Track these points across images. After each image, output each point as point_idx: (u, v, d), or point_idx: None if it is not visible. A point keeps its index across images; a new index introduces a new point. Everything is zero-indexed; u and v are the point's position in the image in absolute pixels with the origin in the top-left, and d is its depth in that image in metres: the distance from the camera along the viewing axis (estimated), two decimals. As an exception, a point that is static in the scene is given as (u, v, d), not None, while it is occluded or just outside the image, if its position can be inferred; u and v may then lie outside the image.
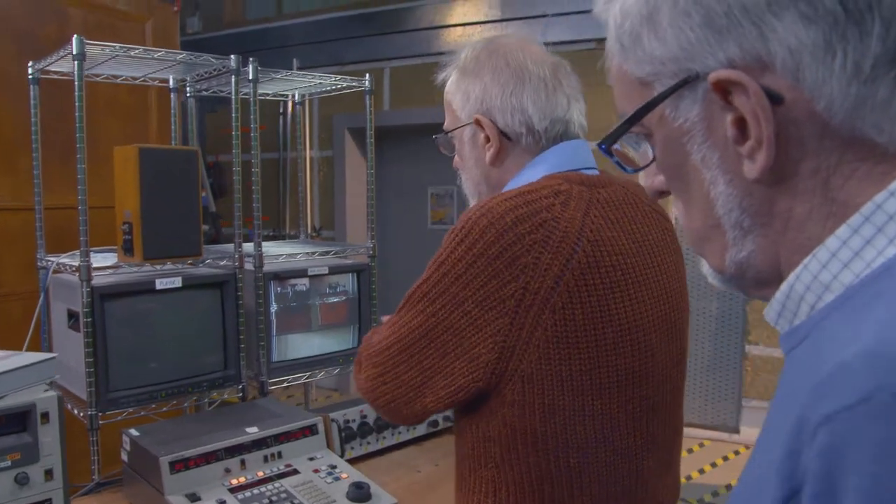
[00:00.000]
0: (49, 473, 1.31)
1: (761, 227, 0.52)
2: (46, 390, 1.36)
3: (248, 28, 5.48)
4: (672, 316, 1.13)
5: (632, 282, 1.06)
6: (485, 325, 1.01)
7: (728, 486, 3.70)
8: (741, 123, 0.49)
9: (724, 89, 0.49)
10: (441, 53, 5.04)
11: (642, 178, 0.61)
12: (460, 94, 1.20)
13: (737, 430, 4.18)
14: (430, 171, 5.49)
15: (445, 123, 1.28)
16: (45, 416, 1.32)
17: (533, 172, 1.14)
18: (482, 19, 4.69)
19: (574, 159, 1.16)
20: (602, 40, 0.58)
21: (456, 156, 1.30)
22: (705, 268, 0.58)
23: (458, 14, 4.78)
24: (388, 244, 5.19)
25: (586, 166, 1.16)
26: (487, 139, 1.18)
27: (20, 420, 1.32)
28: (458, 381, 1.05)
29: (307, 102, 2.67)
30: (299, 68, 4.53)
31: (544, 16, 4.48)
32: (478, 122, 1.18)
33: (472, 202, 1.27)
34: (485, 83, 1.16)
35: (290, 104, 5.11)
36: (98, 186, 2.14)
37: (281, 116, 5.16)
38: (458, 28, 4.79)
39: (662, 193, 0.60)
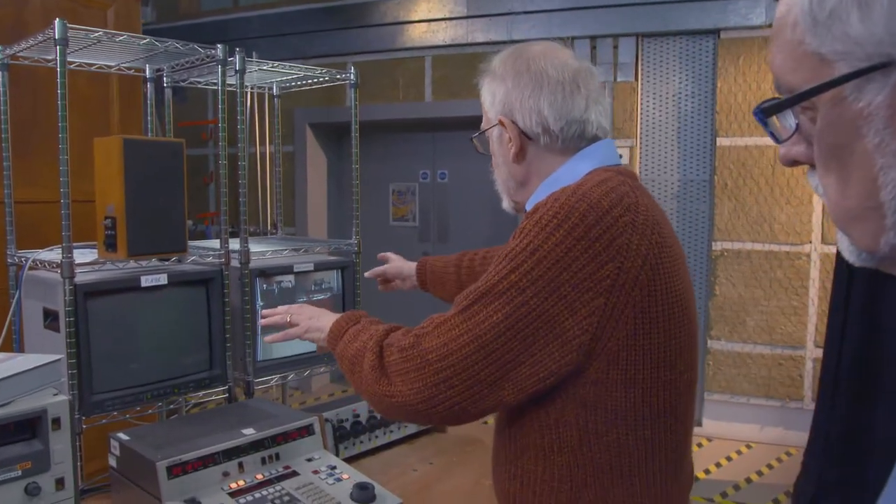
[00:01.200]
0: (60, 483, 1.23)
1: None
2: (56, 394, 1.28)
3: (205, 19, 5.33)
4: (692, 291, 1.25)
5: (679, 259, 1.17)
6: (581, 307, 1.04)
7: (694, 479, 3.78)
8: None
9: None
10: (405, 49, 5.03)
11: (781, 146, 0.61)
12: (489, 96, 1.29)
13: (699, 423, 4.28)
14: (392, 167, 5.45)
15: (481, 124, 1.37)
16: (57, 421, 1.23)
17: (581, 166, 1.22)
18: (447, 15, 4.67)
19: (612, 156, 1.26)
20: (569, 39, 0.57)
21: (494, 156, 1.38)
22: (844, 244, 0.59)
23: (423, 10, 4.75)
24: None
25: (618, 163, 1.27)
26: (510, 138, 1.26)
27: (30, 427, 1.24)
28: (549, 367, 1.06)
29: (267, 96, 2.60)
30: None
31: (510, 13, 4.49)
32: (501, 123, 1.26)
33: (504, 198, 1.36)
34: (507, 87, 1.24)
35: (248, 97, 4.99)
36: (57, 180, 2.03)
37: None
38: (423, 24, 4.76)
39: (795, 163, 0.61)
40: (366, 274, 2.02)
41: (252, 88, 2.72)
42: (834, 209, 0.58)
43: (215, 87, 2.03)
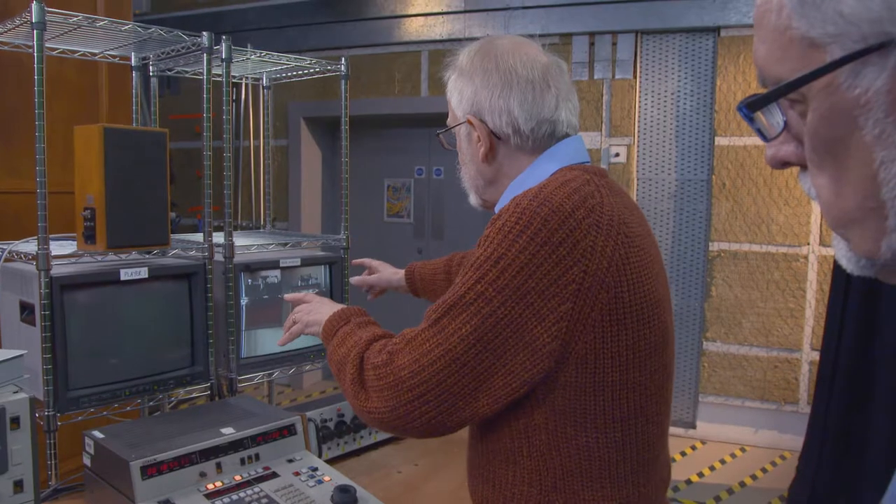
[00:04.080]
0: (19, 485, 1.18)
1: None
2: (15, 392, 1.23)
3: (200, 10, 5.27)
4: (667, 290, 1.23)
5: (649, 261, 1.14)
6: (548, 314, 1.03)
7: (687, 482, 3.74)
8: None
9: None
10: (402, 43, 4.98)
11: (768, 146, 0.55)
12: (456, 94, 1.26)
13: (693, 426, 4.24)
14: (387, 163, 5.40)
15: (448, 120, 1.33)
16: (16, 420, 1.18)
17: (548, 166, 1.20)
18: (444, 10, 4.62)
19: (580, 153, 1.24)
20: (567, 35, 0.51)
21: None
22: (842, 250, 0.53)
23: (420, 4, 4.69)
24: (343, 237, 5.08)
25: (586, 160, 1.25)
26: (479, 138, 1.23)
27: (-14, 426, 1.18)
28: (521, 377, 1.05)
29: (261, 89, 2.55)
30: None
31: (507, 9, 4.44)
32: (469, 122, 1.23)
33: (472, 195, 1.33)
34: (476, 85, 1.21)
35: (243, 89, 4.94)
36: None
37: (234, 103, 4.98)
38: (420, 18, 4.71)
39: (785, 165, 0.55)
40: (352, 281, 2.00)
41: (244, 79, 2.67)
42: (829, 211, 0.53)
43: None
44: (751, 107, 0.53)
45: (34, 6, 1.59)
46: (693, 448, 4.13)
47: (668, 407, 1.22)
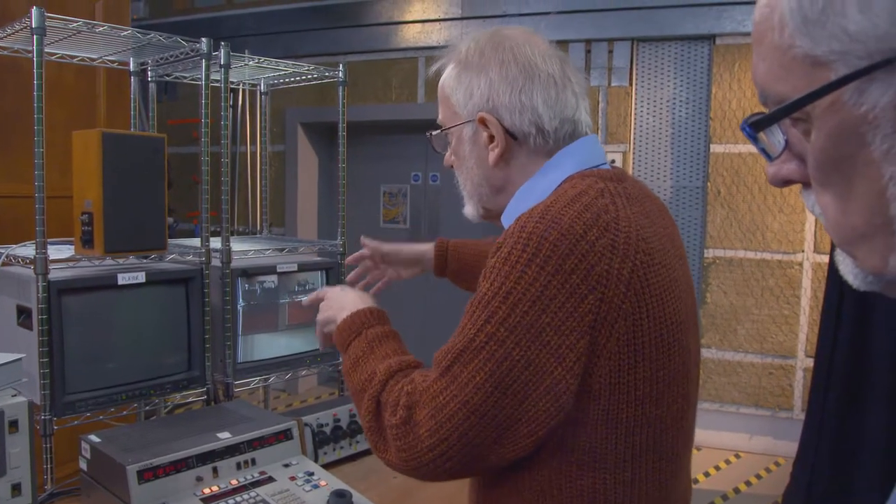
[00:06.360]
0: (17, 489, 1.18)
1: None
2: (14, 395, 1.23)
3: (198, 16, 5.29)
4: (695, 310, 1.12)
5: (672, 279, 1.02)
6: (567, 353, 0.93)
7: (681, 488, 3.75)
8: None
9: None
10: (398, 49, 4.99)
11: (769, 165, 0.56)
12: (462, 90, 1.12)
13: (688, 432, 4.24)
14: (384, 169, 5.41)
15: (440, 119, 1.19)
16: (14, 424, 1.19)
17: (557, 172, 1.08)
18: (441, 16, 4.64)
19: (594, 156, 1.11)
20: (564, 42, 0.52)
21: (449, 154, 1.21)
22: (847, 266, 0.53)
23: (418, 10, 4.71)
24: (340, 242, 5.09)
25: (602, 162, 1.12)
26: (491, 139, 1.10)
27: (-16, 429, 1.18)
28: (547, 423, 0.95)
29: (259, 95, 2.56)
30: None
31: (505, 15, 4.46)
32: (482, 121, 1.10)
33: (470, 205, 1.20)
34: (491, 79, 1.09)
35: (241, 95, 4.95)
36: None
37: (231, 108, 4.99)
38: (417, 24, 4.73)
39: (788, 183, 0.55)
40: (347, 260, 1.78)
41: (242, 85, 2.68)
42: (835, 229, 0.52)
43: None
44: (754, 126, 0.52)
45: (34, 11, 1.60)
46: (688, 454, 4.14)
47: (686, 439, 1.10)
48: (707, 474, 3.92)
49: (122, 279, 1.76)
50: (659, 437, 1.01)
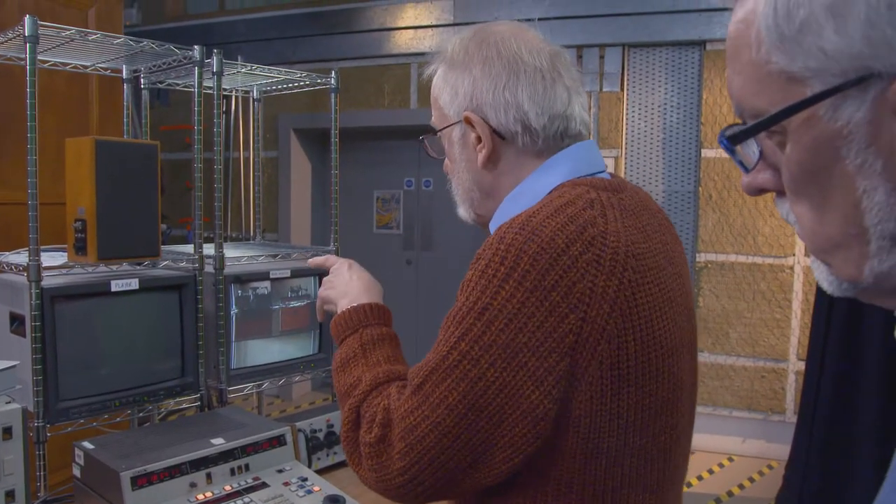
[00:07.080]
0: (11, 495, 1.18)
1: None
2: (8, 402, 1.23)
3: (190, 22, 5.29)
4: (693, 333, 1.05)
5: (667, 299, 0.96)
6: (545, 376, 0.86)
7: None
8: None
9: None
10: (391, 56, 5.00)
11: (745, 175, 0.57)
12: (448, 90, 1.06)
13: (681, 436, 4.26)
14: (377, 175, 5.42)
15: (432, 121, 1.14)
16: (8, 431, 1.19)
17: (548, 179, 1.02)
18: (434, 23, 4.66)
19: (591, 163, 1.05)
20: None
21: (446, 159, 1.16)
22: (822, 273, 0.54)
23: (410, 17, 4.73)
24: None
25: (600, 170, 1.06)
26: (479, 139, 1.04)
27: (-22, 436, 1.19)
28: (524, 450, 0.88)
29: (252, 101, 2.57)
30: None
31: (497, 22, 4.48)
32: (467, 121, 1.04)
33: (462, 210, 1.14)
34: (474, 77, 1.02)
35: (233, 101, 4.95)
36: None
37: (224, 115, 4.99)
38: (409, 31, 4.74)
39: (762, 191, 0.56)
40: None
41: (234, 92, 2.69)
42: (810, 238, 0.54)
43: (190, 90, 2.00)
44: (732, 140, 0.53)
45: (27, 20, 1.60)
46: (681, 458, 4.15)
47: (674, 474, 1.03)
48: (700, 478, 3.93)
49: (116, 286, 1.76)
50: (643, 470, 0.95)
